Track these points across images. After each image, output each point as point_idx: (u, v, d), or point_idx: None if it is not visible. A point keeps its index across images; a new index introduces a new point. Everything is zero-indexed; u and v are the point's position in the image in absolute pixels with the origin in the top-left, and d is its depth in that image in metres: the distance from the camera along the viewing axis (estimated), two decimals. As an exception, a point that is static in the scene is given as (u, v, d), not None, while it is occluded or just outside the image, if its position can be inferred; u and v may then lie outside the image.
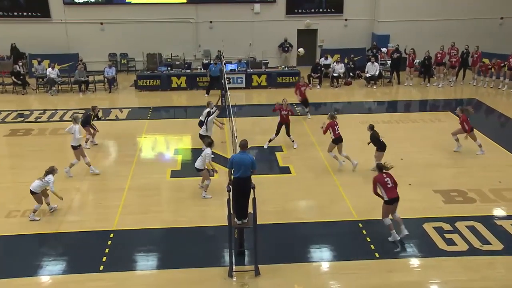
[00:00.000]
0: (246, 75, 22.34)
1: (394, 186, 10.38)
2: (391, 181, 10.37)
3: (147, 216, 11.55)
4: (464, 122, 14.61)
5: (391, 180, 10.38)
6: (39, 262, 9.81)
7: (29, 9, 24.22)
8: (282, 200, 12.24)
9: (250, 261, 9.67)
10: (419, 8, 24.57)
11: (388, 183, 10.31)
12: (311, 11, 25.40)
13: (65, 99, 21.01)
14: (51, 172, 11.41)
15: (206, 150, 12.22)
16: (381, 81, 22.78)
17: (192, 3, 24.66)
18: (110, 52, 24.79)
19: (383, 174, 10.43)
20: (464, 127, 14.63)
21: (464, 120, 14.62)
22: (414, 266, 9.79)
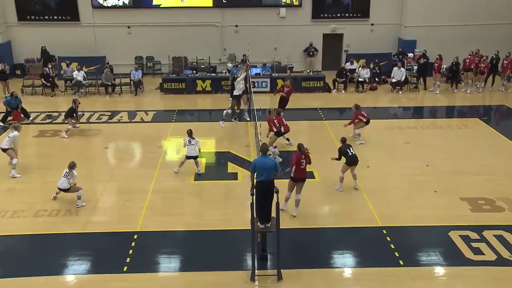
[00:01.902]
0: (270, 79, 22.34)
1: (304, 168, 11.33)
2: (306, 163, 11.27)
3: (170, 218, 11.62)
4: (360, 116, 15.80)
5: (306, 162, 11.28)
6: (65, 261, 9.97)
7: (59, 13, 24.70)
8: (306, 205, 12.15)
9: (272, 266, 9.64)
10: (447, 12, 24.20)
11: (302, 164, 11.22)
12: (337, 15, 25.28)
13: (92, 101, 21.34)
14: (73, 167, 12.10)
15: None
16: (407, 87, 22.51)
17: (218, 7, 24.79)
18: (136, 55, 25.11)
19: (302, 155, 11.22)
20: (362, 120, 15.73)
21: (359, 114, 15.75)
22: (439, 275, 9.62)
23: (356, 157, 12.67)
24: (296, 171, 11.24)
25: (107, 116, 19.17)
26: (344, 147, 12.77)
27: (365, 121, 15.79)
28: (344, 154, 12.68)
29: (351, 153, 12.65)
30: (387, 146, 16.00)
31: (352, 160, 12.61)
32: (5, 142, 13.92)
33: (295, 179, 11.32)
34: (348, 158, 12.62)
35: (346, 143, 12.92)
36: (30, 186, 13.38)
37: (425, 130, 17.45)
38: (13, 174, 13.80)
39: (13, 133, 14.03)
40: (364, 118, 15.79)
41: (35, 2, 24.63)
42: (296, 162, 11.17)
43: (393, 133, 17.12)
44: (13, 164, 13.87)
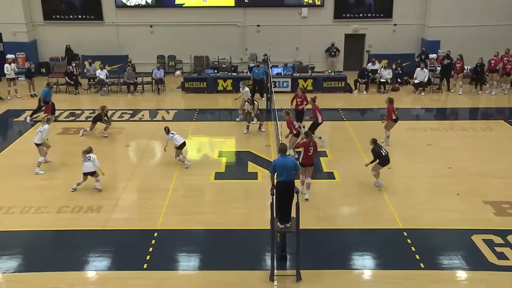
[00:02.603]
0: (292, 79, 22.28)
1: (312, 155, 12.16)
2: (313, 150, 12.14)
3: (190, 217, 11.68)
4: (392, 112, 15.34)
5: (314, 149, 12.16)
6: (86, 258, 10.10)
7: (84, 12, 25.04)
8: (326, 206, 12.12)
9: (291, 266, 9.62)
10: (472, 12, 23.79)
11: (309, 151, 12.06)
12: (360, 15, 25.10)
13: (114, 99, 21.57)
14: (90, 151, 12.80)
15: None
16: (430, 88, 22.22)
17: (240, 7, 24.83)
18: (158, 54, 25.30)
19: (310, 143, 12.04)
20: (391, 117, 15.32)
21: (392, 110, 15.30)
22: (461, 279, 9.47)
23: (389, 158, 12.60)
24: (304, 157, 12.12)
25: (128, 114, 19.37)
26: (377, 147, 12.67)
27: (394, 118, 15.52)
28: (378, 154, 12.57)
29: (385, 153, 12.59)
30: (409, 148, 15.81)
31: (386, 160, 12.55)
32: (38, 137, 14.17)
33: (304, 164, 12.09)
34: (381, 158, 12.55)
35: (377, 143, 12.80)
36: (53, 182, 13.59)
37: (448, 132, 17.21)
38: (37, 171, 14.03)
39: (44, 126, 14.25)
40: (394, 116, 15.47)
41: (60, 2, 25.02)
42: (305, 149, 12.04)
43: (415, 135, 16.92)
44: (38, 162, 14.12)
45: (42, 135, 14.07)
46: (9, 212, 11.85)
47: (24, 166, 14.45)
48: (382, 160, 12.58)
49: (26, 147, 16.07)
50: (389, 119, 15.50)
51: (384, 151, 12.66)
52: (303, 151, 12.13)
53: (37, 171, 14.02)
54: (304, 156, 12.13)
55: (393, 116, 15.40)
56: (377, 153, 12.58)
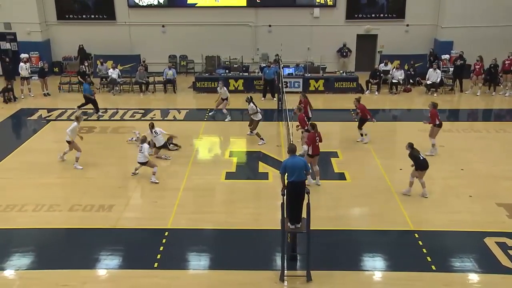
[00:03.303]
0: (303, 79, 22.24)
1: (318, 145, 13.01)
2: (319, 139, 13.05)
3: (201, 216, 11.71)
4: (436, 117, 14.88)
5: (319, 138, 13.08)
6: (97, 256, 10.17)
7: (96, 12, 25.19)
8: (337, 206, 12.09)
9: (302, 266, 9.60)
10: (485, 13, 23.53)
11: (316, 142, 12.94)
12: (372, 16, 24.97)
13: (126, 99, 21.69)
14: (144, 140, 13.41)
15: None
16: (443, 89, 22.05)
17: (252, 7, 24.83)
18: (170, 54, 25.39)
19: (315, 133, 12.93)
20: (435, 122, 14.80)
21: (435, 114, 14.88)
22: (474, 282, 9.39)
23: (427, 161, 12.25)
24: (313, 148, 12.91)
25: (140, 114, 19.45)
26: (414, 152, 12.27)
27: (438, 123, 14.92)
28: (415, 159, 12.21)
29: (422, 157, 12.23)
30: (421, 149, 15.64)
31: (424, 164, 12.16)
32: (68, 134, 14.36)
33: (313, 155, 12.95)
34: (420, 162, 12.15)
35: (414, 147, 12.38)
36: (66, 181, 13.71)
37: (461, 133, 17.07)
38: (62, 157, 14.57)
39: (73, 124, 14.51)
40: (438, 121, 14.90)
41: (73, 2, 25.20)
42: (313, 141, 12.84)
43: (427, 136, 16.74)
44: (61, 156, 14.48)
45: (72, 132, 14.30)
46: (22, 210, 11.97)
47: (37, 164, 14.58)
48: (419, 164, 12.14)
49: (39, 146, 16.26)
50: (432, 124, 14.89)
51: (422, 155, 12.22)
52: (312, 143, 12.91)
53: (76, 166, 14.29)
54: (313, 147, 12.91)
55: (436, 121, 14.86)
56: (415, 157, 12.18)
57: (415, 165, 12.23)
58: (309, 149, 13.01)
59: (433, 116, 14.81)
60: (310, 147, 12.96)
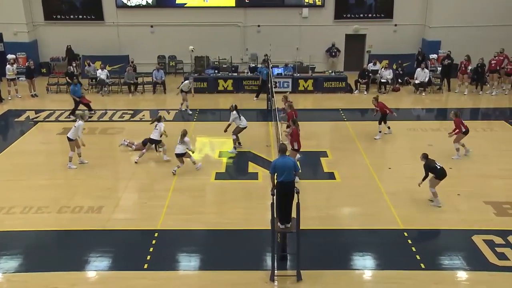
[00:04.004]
0: (292, 79, 22.29)
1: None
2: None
3: (191, 217, 11.69)
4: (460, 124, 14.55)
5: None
6: (87, 257, 10.10)
7: (84, 12, 25.03)
8: (326, 206, 12.13)
9: (292, 266, 9.62)
10: (473, 13, 23.75)
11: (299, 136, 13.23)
12: (360, 16, 25.08)
13: (115, 99, 21.59)
14: (185, 134, 13.78)
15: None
16: (431, 88, 22.22)
17: (241, 7, 24.83)
18: (159, 54, 25.30)
19: (298, 129, 13.23)
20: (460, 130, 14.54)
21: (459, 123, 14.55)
22: (462, 280, 9.47)
23: (445, 170, 11.91)
24: (298, 143, 13.23)
25: (129, 114, 19.37)
26: (430, 162, 11.92)
27: (464, 131, 14.61)
28: (432, 169, 11.85)
29: (439, 166, 11.87)
30: (409, 148, 15.81)
31: (442, 173, 11.81)
32: (71, 132, 14.25)
33: (298, 150, 13.37)
34: (437, 172, 11.79)
35: (429, 158, 12.06)
36: (54, 182, 13.60)
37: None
38: (69, 166, 14.30)
39: (78, 122, 14.35)
40: (463, 128, 14.62)
41: (61, 2, 25.01)
42: (298, 136, 13.24)
43: (416, 135, 16.92)
44: (69, 157, 14.33)
45: (76, 130, 14.17)
46: (9, 212, 11.85)
47: (25, 166, 14.47)
48: (439, 174, 11.82)
49: (27, 147, 16.13)
50: (459, 133, 14.66)
51: (438, 164, 11.95)
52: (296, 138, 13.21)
53: (70, 166, 14.22)
54: (298, 142, 13.25)
55: (462, 128, 14.56)
56: (432, 168, 11.82)
57: (434, 175, 11.85)
58: (294, 144, 13.21)
59: (458, 124, 14.60)
60: (296, 142, 13.21)
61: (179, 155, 13.77)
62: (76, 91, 18.95)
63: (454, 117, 14.77)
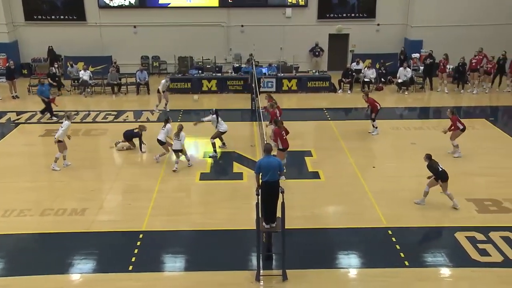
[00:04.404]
0: (276, 79, 22.33)
1: (286, 138, 13.33)
2: (285, 133, 13.37)
3: (176, 218, 11.65)
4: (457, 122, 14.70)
5: (285, 132, 13.40)
6: (70, 260, 10.00)
7: (66, 12, 24.76)
8: (311, 205, 12.17)
9: (277, 266, 9.64)
10: (454, 13, 24.05)
11: (283, 135, 13.27)
12: (343, 15, 25.20)
13: (98, 100, 21.42)
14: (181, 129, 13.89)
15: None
16: (413, 87, 22.44)
17: (224, 7, 24.80)
18: (142, 55, 25.16)
19: (281, 129, 13.24)
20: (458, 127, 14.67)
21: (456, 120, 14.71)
22: (445, 276, 9.59)
23: (447, 173, 11.83)
24: (282, 142, 13.24)
25: (113, 115, 19.24)
26: (433, 163, 11.91)
27: (462, 128, 14.72)
28: (435, 171, 11.86)
29: (441, 168, 11.81)
30: (393, 147, 15.97)
31: (444, 175, 11.79)
32: (60, 133, 14.08)
33: (284, 149, 13.34)
34: (439, 174, 11.78)
35: (433, 159, 12.08)
36: (37, 185, 13.45)
37: (431, 131, 17.38)
38: (53, 166, 14.12)
39: (64, 122, 14.25)
40: (460, 125, 14.75)
41: (42, 2, 24.71)
42: (279, 135, 13.18)
43: (399, 134, 17.07)
44: (56, 157, 14.15)
45: (64, 131, 14.06)
46: (-9, 216, 11.69)
47: (6, 168, 14.29)
48: (439, 176, 11.80)
49: (8, 150, 15.93)
50: (456, 130, 14.78)
51: (441, 167, 11.93)
52: (279, 138, 13.22)
53: (54, 167, 14.11)
54: (281, 141, 13.23)
55: (459, 126, 14.73)
56: (434, 169, 11.84)
57: (435, 177, 11.91)
58: (278, 143, 13.26)
59: (454, 122, 14.75)
60: (279, 142, 13.26)
61: (177, 151, 14.00)
62: (44, 91, 18.70)
63: (450, 115, 14.97)
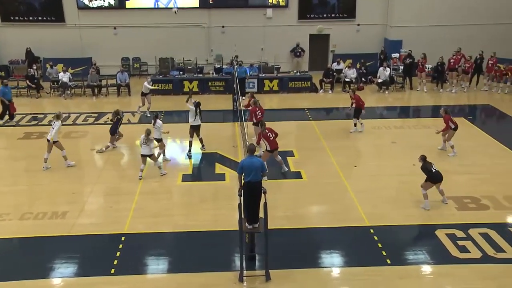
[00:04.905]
0: (258, 79, 22.37)
1: (274, 138, 13.44)
2: (272, 134, 13.45)
3: (158, 220, 11.58)
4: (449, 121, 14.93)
5: (272, 133, 13.47)
6: (51, 264, 9.88)
7: (44, 13, 24.49)
8: (293, 205, 12.21)
9: (261, 266, 9.65)
10: (433, 13, 24.41)
11: (270, 137, 13.38)
12: (324, 16, 25.38)
13: (78, 102, 21.20)
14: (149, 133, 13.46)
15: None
16: (393, 87, 22.67)
17: (205, 8, 24.76)
18: (123, 56, 24.97)
19: (266, 130, 13.37)
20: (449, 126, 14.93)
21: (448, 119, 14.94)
22: (426, 273, 9.70)
23: (441, 173, 11.93)
24: (270, 144, 13.41)
25: (93, 117, 19.05)
26: (426, 164, 11.93)
27: (453, 127, 14.99)
28: (428, 172, 11.86)
29: (435, 170, 11.88)
30: (374, 146, 16.10)
31: (436, 177, 11.89)
32: (53, 135, 14.10)
33: (271, 150, 13.50)
34: (432, 175, 11.84)
35: (427, 160, 12.12)
36: (16, 188, 13.26)
37: (412, 130, 17.59)
38: (69, 164, 14.32)
39: (55, 123, 14.22)
40: (452, 124, 14.97)
41: (19, 3, 24.42)
42: (264, 137, 13.39)
43: (379, 133, 17.23)
44: (63, 157, 14.29)
45: (56, 131, 14.10)
46: (-31, 220, 11.49)
47: (-15, 172, 14.05)
48: (432, 177, 11.85)
49: (-14, 153, 15.65)
50: (447, 129, 15.04)
51: (434, 168, 12.00)
52: (266, 140, 13.42)
53: (69, 164, 14.30)
54: (268, 142, 13.42)
55: (451, 125, 14.97)
56: (427, 170, 11.86)
57: (427, 177, 11.95)
58: (266, 145, 13.46)
59: (447, 121, 14.99)
60: (267, 143, 13.44)
61: (147, 156, 13.60)
62: (6, 93, 18.41)
63: (444, 114, 15.15)
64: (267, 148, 13.52)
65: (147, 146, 13.48)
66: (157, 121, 14.37)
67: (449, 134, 15.17)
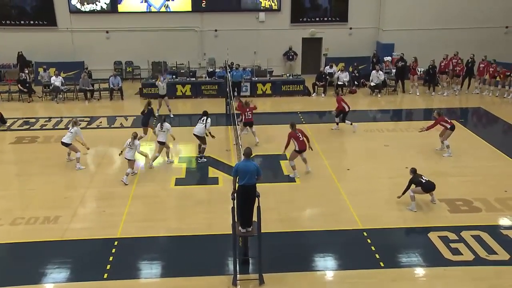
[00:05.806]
0: (251, 83, 22.39)
1: (303, 140, 13.61)
2: (302, 135, 13.65)
3: (151, 224, 11.55)
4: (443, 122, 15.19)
5: (302, 135, 13.67)
6: (43, 270, 9.82)
7: (36, 17, 24.38)
8: (287, 209, 12.22)
9: (254, 270, 9.64)
10: (424, 17, 24.54)
11: (299, 137, 13.58)
12: (316, 19, 25.44)
13: (70, 106, 21.11)
14: (136, 137, 13.58)
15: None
16: (386, 90, 22.77)
17: (197, 12, 24.76)
18: (115, 60, 24.91)
19: (296, 130, 13.60)
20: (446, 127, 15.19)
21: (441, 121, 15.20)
22: (420, 276, 9.73)
23: (432, 183, 12.02)
24: (299, 144, 13.57)
25: (86, 122, 18.98)
26: (416, 177, 11.99)
27: (449, 127, 15.12)
28: (417, 183, 11.94)
29: (425, 180, 11.95)
30: (366, 149, 16.15)
31: (429, 186, 11.96)
32: (67, 137, 14.32)
33: (300, 150, 13.69)
34: (423, 185, 11.89)
35: (417, 173, 12.09)
36: (7, 193, 13.17)
37: (404, 133, 17.66)
38: (78, 167, 14.37)
39: (74, 128, 14.46)
40: (447, 124, 15.15)
41: (10, 7, 24.30)
42: (294, 138, 13.59)
43: (372, 136, 17.29)
44: (76, 158, 14.34)
45: (72, 136, 14.39)
46: (-40, 226, 11.39)
47: (-24, 177, 13.95)
48: (424, 187, 11.92)
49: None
50: (431, 128, 15.23)
51: (424, 178, 11.96)
52: (295, 140, 13.58)
53: (79, 167, 14.34)
54: (297, 143, 13.59)
55: (447, 125, 15.12)
56: (417, 182, 11.94)
57: (421, 188, 11.93)
58: (296, 145, 13.65)
59: (437, 123, 15.19)
60: (296, 144, 13.60)
61: (129, 160, 13.61)
62: None
63: (437, 116, 15.34)
64: (295, 148, 13.65)
65: (131, 150, 13.49)
66: (165, 124, 14.54)
67: (446, 134, 15.28)
